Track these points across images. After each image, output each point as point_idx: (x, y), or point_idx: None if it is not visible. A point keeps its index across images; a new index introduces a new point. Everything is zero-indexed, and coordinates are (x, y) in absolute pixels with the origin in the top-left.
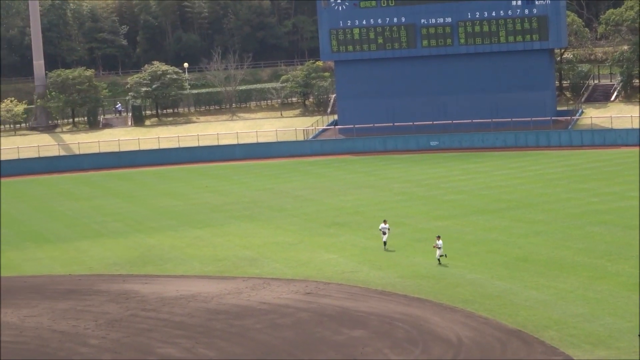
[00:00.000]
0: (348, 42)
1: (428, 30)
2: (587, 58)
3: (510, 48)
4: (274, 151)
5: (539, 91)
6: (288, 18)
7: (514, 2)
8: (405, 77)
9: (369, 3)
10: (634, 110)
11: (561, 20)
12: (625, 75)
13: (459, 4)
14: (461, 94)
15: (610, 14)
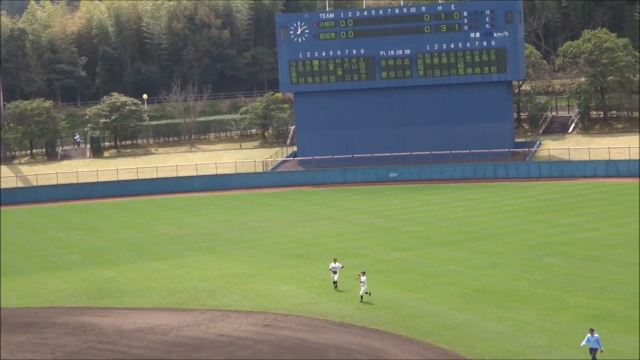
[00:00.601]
0: (307, 74)
1: (387, 62)
2: (545, 90)
3: (469, 80)
4: (233, 183)
5: (497, 123)
6: (247, 49)
7: (472, 34)
8: (365, 108)
9: (328, 35)
10: (591, 142)
11: (519, 52)
12: (582, 107)
13: (418, 36)
14: (420, 126)
15: (568, 46)
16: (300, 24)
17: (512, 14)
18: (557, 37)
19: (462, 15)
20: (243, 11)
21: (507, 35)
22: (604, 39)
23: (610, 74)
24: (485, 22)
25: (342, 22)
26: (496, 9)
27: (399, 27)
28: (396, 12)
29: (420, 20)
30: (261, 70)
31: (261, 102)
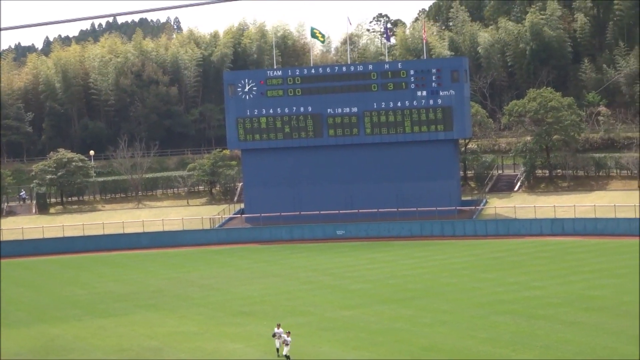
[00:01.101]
0: (255, 131)
1: (334, 120)
2: (491, 148)
3: (416, 138)
4: (180, 240)
5: (444, 181)
6: (195, 106)
7: (419, 92)
8: (312, 166)
9: (276, 92)
10: (537, 201)
11: (465, 111)
12: (528, 166)
13: (365, 94)
14: (367, 183)
15: (514, 105)
16: (248, 81)
17: (458, 72)
18: (503, 96)
19: (409, 74)
20: (191, 68)
21: (453, 93)
22: (549, 98)
23: (555, 133)
24: (431, 80)
25: (289, 79)
26: (442, 68)
27: (346, 85)
28: (343, 71)
29: (368, 78)
30: (209, 127)
31: (209, 158)
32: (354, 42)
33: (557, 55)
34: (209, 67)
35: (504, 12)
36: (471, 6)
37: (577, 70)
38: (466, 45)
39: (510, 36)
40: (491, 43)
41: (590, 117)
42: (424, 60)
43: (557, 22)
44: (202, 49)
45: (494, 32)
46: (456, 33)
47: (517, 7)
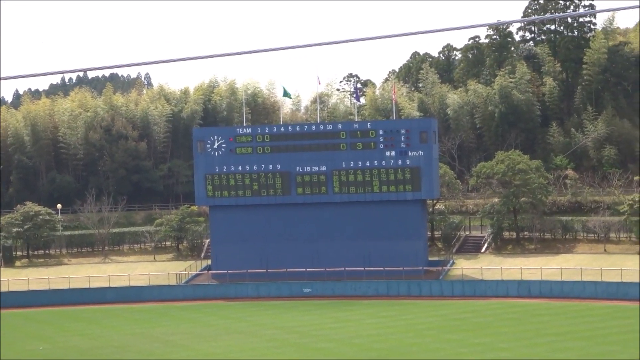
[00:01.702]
0: (223, 188)
1: (303, 178)
2: (459, 209)
3: (384, 198)
4: (145, 295)
5: (411, 241)
6: (164, 162)
7: (388, 152)
8: (280, 223)
9: (245, 149)
10: (503, 262)
11: (433, 172)
12: (495, 228)
13: (334, 153)
14: (335, 242)
15: (482, 167)
16: (217, 138)
17: (427, 133)
18: (471, 158)
19: (378, 134)
20: (160, 123)
21: (422, 154)
22: (517, 161)
23: (522, 196)
24: (400, 141)
25: (259, 137)
26: (411, 129)
27: (315, 144)
28: (312, 129)
29: (337, 137)
30: (177, 182)
31: (176, 214)
32: (323, 101)
33: (526, 119)
34: (179, 123)
35: (474, 74)
36: (441, 68)
37: (545, 134)
38: (435, 106)
39: (479, 98)
40: (460, 105)
41: (557, 180)
42: (393, 120)
43: (526, 86)
44: (172, 105)
45: (463, 94)
46: (425, 94)
47: (486, 70)
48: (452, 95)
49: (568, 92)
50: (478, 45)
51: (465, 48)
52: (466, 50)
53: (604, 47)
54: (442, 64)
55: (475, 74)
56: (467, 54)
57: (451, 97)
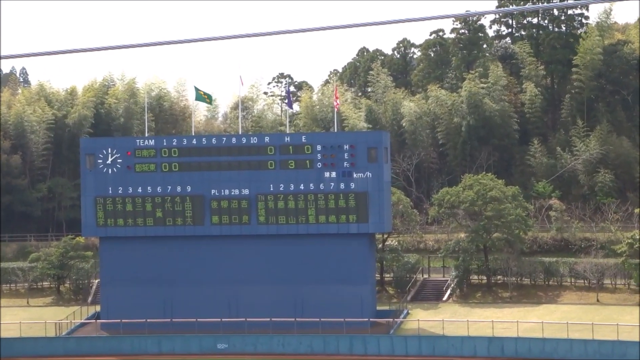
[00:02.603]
0: (118, 214)
1: (220, 204)
2: (416, 246)
3: (321, 230)
4: (17, 350)
5: (355, 285)
6: (43, 180)
7: (327, 173)
8: (189, 260)
9: (147, 166)
10: (471, 314)
11: (384, 198)
12: (461, 270)
13: (260, 173)
14: (258, 285)
15: (445, 194)
16: (111, 151)
17: (376, 150)
18: (431, 182)
19: (315, 150)
20: (40, 132)
21: (369, 176)
22: (489, 187)
23: (495, 230)
24: (343, 159)
25: (164, 151)
26: (357, 144)
27: (236, 161)
28: (233, 142)
29: (263, 153)
30: (59, 207)
31: (57, 247)
32: (247, 108)
33: (500, 134)
34: (63, 131)
35: (436, 77)
36: (395, 69)
37: (525, 153)
38: (388, 116)
39: (443, 108)
40: (418, 115)
41: (539, 212)
42: (334, 133)
43: (501, 93)
44: (54, 109)
45: (422, 102)
46: (375, 101)
47: (451, 73)
48: (408, 103)
49: (553, 101)
50: (442, 41)
51: (425, 44)
52: (427, 47)
53: (598, 47)
54: (396, 64)
55: (437, 76)
56: (427, 52)
57: (407, 105)
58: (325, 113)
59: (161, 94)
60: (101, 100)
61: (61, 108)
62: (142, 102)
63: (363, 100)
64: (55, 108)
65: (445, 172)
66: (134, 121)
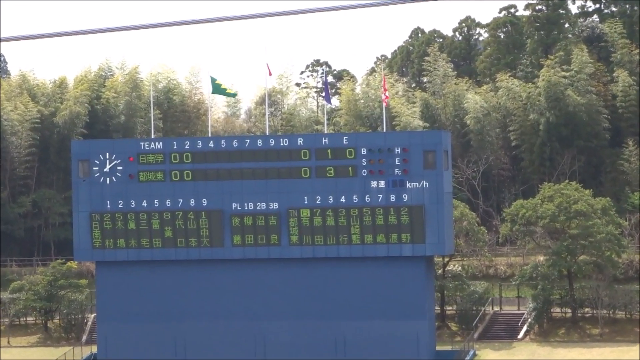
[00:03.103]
0: (118, 234)
1: (242, 221)
2: (484, 272)
3: (367, 252)
4: None
5: (409, 320)
6: (26, 193)
7: (374, 182)
8: (205, 290)
9: (153, 175)
10: (552, 354)
11: (444, 213)
12: (540, 301)
13: (291, 183)
14: (289, 320)
15: (519, 208)
16: (109, 157)
17: (434, 154)
18: (503, 193)
19: (359, 154)
20: (22, 133)
21: (426, 186)
22: (574, 199)
23: (582, 252)
24: (393, 165)
25: (174, 155)
26: (411, 147)
27: (263, 169)
28: (258, 145)
29: (296, 158)
30: (46, 225)
31: (44, 274)
32: (275, 103)
33: (587, 133)
34: (51, 132)
35: (506, 64)
36: (457, 54)
37: (617, 157)
38: (448, 112)
39: (516, 102)
40: (486, 111)
41: (635, 229)
42: (382, 133)
43: (587, 83)
44: (40, 105)
45: (490, 95)
46: (433, 94)
47: (526, 58)
48: (473, 96)
49: None
50: (514, 20)
51: (494, 24)
52: (495, 27)
53: None
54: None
55: (509, 63)
56: (496, 33)
57: (472, 99)
58: (371, 109)
59: (170, 86)
60: (97, 94)
61: (48, 104)
62: (147, 96)
63: (418, 93)
64: (41, 104)
65: (520, 180)
66: (137, 119)
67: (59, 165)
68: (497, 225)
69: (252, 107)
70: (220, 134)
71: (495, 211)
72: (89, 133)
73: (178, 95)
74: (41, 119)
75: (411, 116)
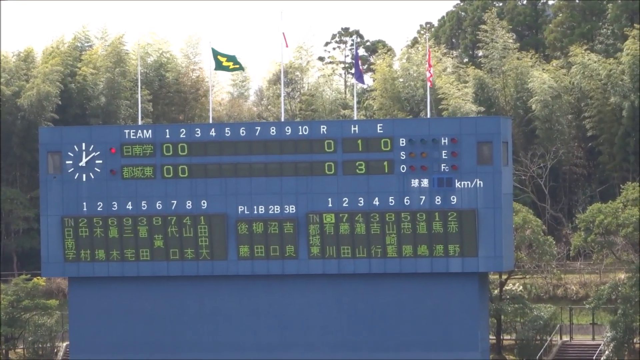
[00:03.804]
0: (97, 244)
1: (251, 228)
2: (551, 293)
3: (406, 268)
4: None
5: (458, 351)
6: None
7: (415, 181)
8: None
9: (140, 171)
10: None
11: (503, 220)
12: (620, 330)
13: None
14: (309, 350)
15: (596, 213)
16: (86, 148)
17: (491, 146)
18: (575, 194)
19: (397, 145)
20: None
21: (480, 186)
22: None
23: None
24: (440, 159)
25: (167, 147)
26: (461, 137)
27: (277, 163)
28: (272, 134)
29: (318, 150)
30: (8, 232)
31: (6, 293)
32: (293, 81)
33: None
34: (14, 117)
35: (582, 35)
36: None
37: None
38: (508, 94)
39: (593, 81)
40: (556, 92)
41: None
42: (426, 119)
43: None
44: (1, 84)
45: (561, 73)
46: (490, 71)
47: (606, 27)
48: (540, 74)
49: None
50: None
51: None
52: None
53: None
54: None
55: (584, 34)
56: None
57: (539, 78)
58: (412, 89)
59: (162, 61)
60: (71, 70)
61: (11, 82)
62: (134, 73)
63: (470, 70)
64: (2, 82)
65: (597, 179)
66: (120, 102)
67: (23, 158)
68: (568, 235)
69: (263, 86)
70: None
71: (566, 217)
72: (61, 119)
73: (172, 72)
74: (1, 101)
75: (462, 99)
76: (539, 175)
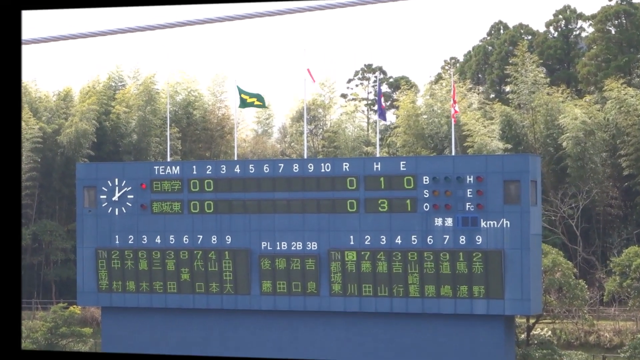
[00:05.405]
0: (128, 275)
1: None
2: (582, 340)
3: (429, 308)
4: None
5: None
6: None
7: (439, 220)
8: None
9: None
10: None
11: (531, 261)
12: None
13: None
14: None
15: (633, 257)
16: (119, 183)
17: (518, 185)
18: (610, 237)
19: (421, 183)
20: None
21: (507, 226)
22: None
23: None
24: (464, 198)
25: (194, 182)
26: (487, 175)
27: (299, 200)
28: (295, 171)
29: (341, 188)
30: (47, 262)
31: (44, 320)
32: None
33: None
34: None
35: (618, 68)
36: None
37: None
38: (538, 131)
39: (630, 117)
40: (589, 129)
41: None
42: (451, 157)
43: None
44: (42, 121)
45: (595, 109)
46: (518, 107)
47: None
48: (572, 110)
49: None
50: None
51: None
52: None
53: None
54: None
55: (621, 67)
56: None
57: (571, 113)
58: (436, 126)
59: (190, 99)
60: (106, 108)
61: (51, 120)
62: (164, 111)
63: (497, 106)
64: (43, 120)
65: (634, 221)
66: (151, 139)
67: (62, 192)
68: (602, 279)
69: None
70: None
71: (600, 261)
72: (96, 155)
73: (199, 110)
74: (43, 138)
75: (488, 136)
76: (570, 215)
